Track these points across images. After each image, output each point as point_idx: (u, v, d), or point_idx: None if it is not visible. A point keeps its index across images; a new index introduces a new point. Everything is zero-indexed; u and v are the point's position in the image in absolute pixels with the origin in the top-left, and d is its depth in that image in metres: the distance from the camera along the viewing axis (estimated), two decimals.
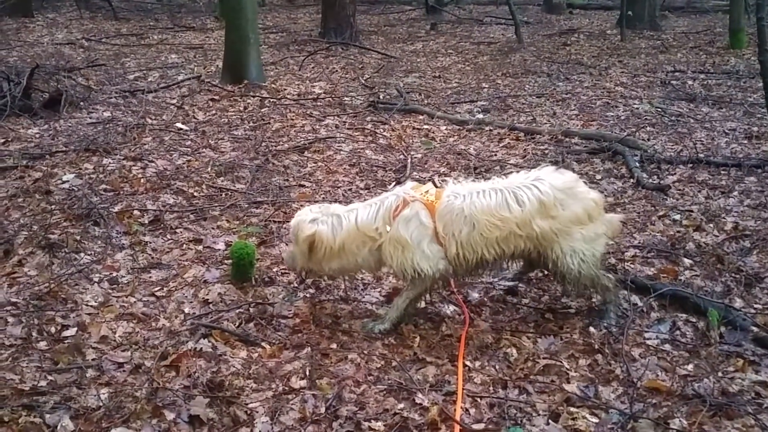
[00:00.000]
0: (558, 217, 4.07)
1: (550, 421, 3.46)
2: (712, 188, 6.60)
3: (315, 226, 4.22)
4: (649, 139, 8.21)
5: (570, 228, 4.10)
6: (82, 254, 5.18)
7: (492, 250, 4.09)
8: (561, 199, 4.08)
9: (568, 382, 3.77)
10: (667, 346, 4.11)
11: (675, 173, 7.04)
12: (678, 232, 5.64)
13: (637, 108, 9.75)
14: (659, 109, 9.62)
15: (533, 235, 4.07)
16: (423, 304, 4.60)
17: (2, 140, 7.78)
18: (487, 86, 11.57)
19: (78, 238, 5.37)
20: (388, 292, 4.77)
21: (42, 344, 4.02)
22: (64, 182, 6.49)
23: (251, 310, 4.50)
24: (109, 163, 7.10)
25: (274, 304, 4.58)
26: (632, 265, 5.09)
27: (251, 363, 3.92)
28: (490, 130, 8.73)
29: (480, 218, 4.02)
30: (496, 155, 7.79)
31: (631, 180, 6.82)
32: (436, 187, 4.29)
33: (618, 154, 7.50)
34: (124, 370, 3.82)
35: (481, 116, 9.40)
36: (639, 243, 5.45)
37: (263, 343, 4.11)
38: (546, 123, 9.10)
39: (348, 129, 8.84)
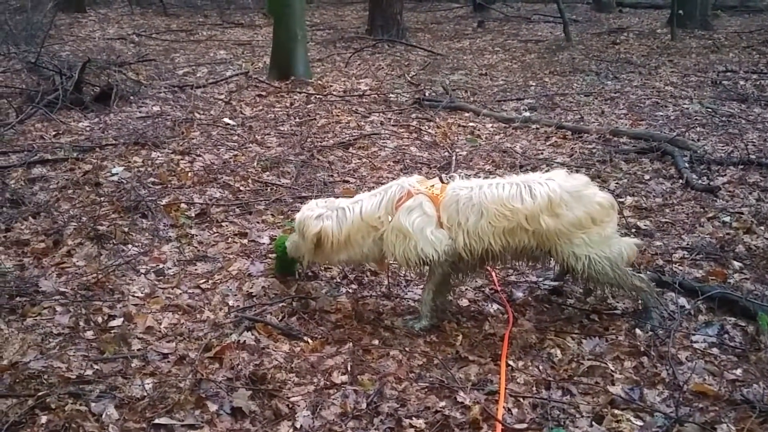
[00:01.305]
0: (561, 216, 4.01)
1: (593, 423, 3.41)
2: (764, 190, 6.43)
3: (321, 222, 4.28)
4: (699, 140, 8.04)
5: (570, 232, 4.04)
6: (129, 246, 5.27)
7: (499, 241, 4.06)
8: (566, 201, 4.03)
9: (613, 384, 3.71)
10: (715, 350, 4.02)
11: (725, 174, 6.88)
12: (728, 234, 5.51)
13: (687, 108, 9.55)
14: (710, 110, 9.41)
15: (539, 231, 4.03)
16: (466, 302, 4.58)
17: (54, 133, 7.96)
18: (534, 84, 11.47)
19: (126, 229, 5.46)
20: None
21: (89, 333, 4.10)
22: (113, 175, 6.60)
23: (294, 304, 4.52)
24: (158, 156, 7.21)
25: (316, 298, 4.60)
26: (680, 267, 4.99)
27: (293, 357, 3.94)
28: (537, 128, 8.65)
29: (489, 207, 4.01)
30: (542, 153, 7.72)
31: (680, 181, 6.68)
32: (443, 182, 4.28)
33: (667, 155, 7.37)
34: (168, 361, 3.87)
35: (527, 114, 9.32)
36: (687, 245, 5.34)
37: (306, 338, 4.13)
38: (594, 122, 8.99)
39: (393, 126, 8.84)
